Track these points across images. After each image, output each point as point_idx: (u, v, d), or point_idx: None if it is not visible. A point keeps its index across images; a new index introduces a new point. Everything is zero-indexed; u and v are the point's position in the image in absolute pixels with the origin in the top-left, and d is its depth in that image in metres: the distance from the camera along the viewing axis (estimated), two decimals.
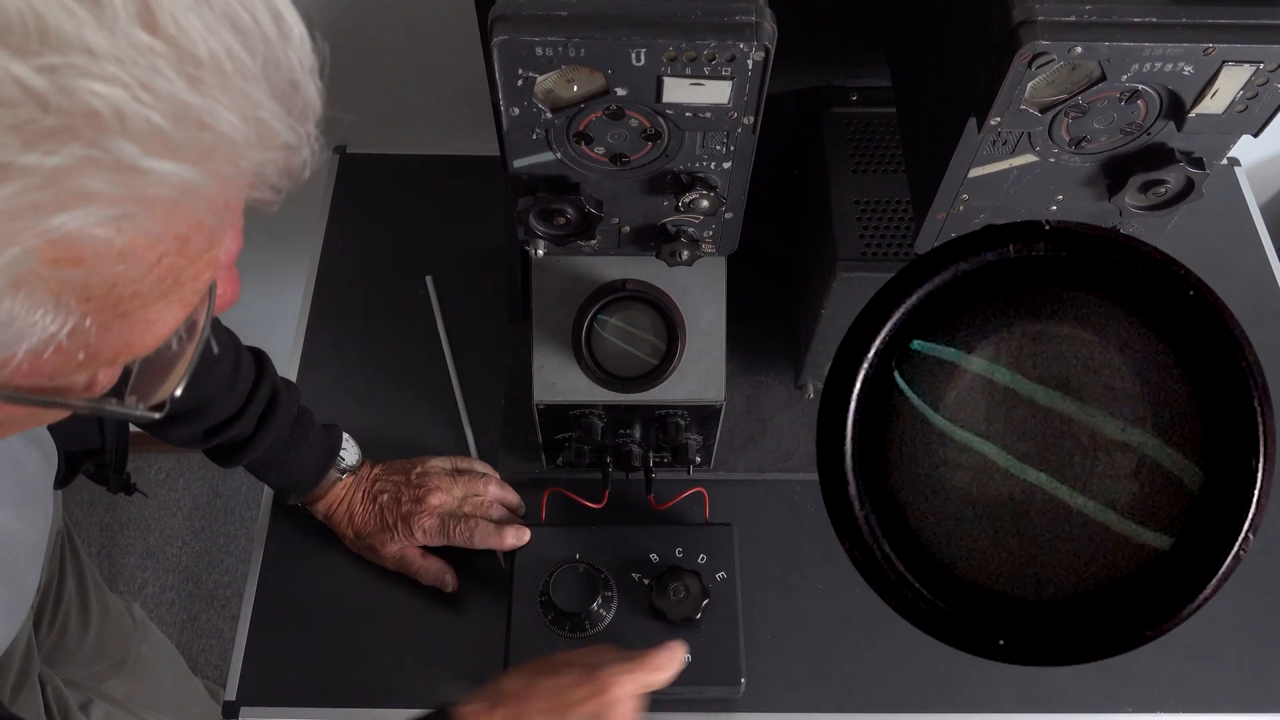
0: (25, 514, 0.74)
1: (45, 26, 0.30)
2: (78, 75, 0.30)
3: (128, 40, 0.31)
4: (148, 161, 0.32)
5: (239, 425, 0.83)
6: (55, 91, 0.30)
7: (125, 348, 0.38)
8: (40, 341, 0.34)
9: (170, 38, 0.32)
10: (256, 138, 0.35)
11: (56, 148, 0.30)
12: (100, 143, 0.31)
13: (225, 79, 0.34)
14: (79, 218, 0.32)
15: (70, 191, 0.31)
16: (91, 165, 0.31)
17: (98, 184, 0.32)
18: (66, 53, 0.30)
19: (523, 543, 0.90)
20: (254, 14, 0.35)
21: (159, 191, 0.33)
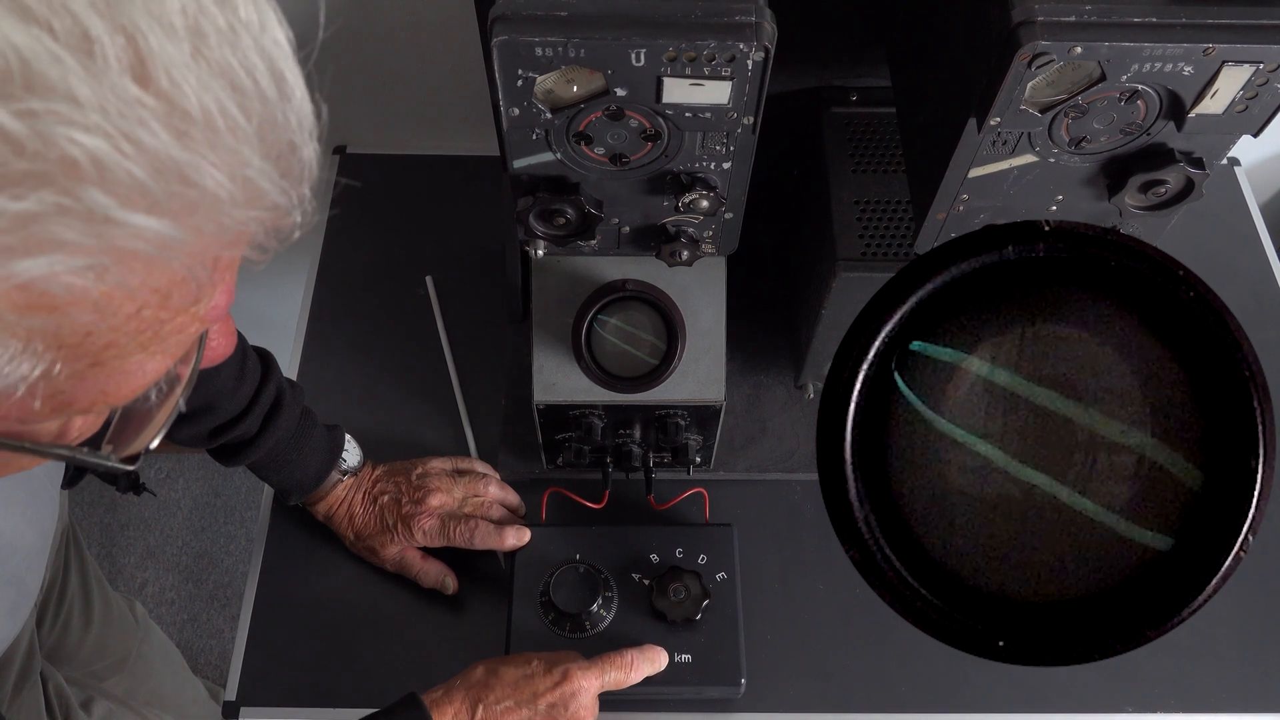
0: (31, 517, 0.74)
1: (30, 72, 0.29)
2: (58, 122, 0.30)
3: (115, 92, 0.31)
4: (123, 214, 0.31)
5: (244, 425, 0.83)
6: (32, 136, 0.30)
7: (101, 396, 0.37)
8: (8, 386, 0.33)
9: (161, 91, 0.32)
10: (243, 196, 0.34)
11: (25, 193, 0.30)
12: (73, 191, 0.30)
13: (216, 136, 0.33)
14: (45, 265, 0.31)
15: (37, 238, 0.31)
16: (62, 213, 0.31)
17: (68, 233, 0.31)
18: (49, 99, 0.30)
19: (523, 543, 0.90)
20: (253, 74, 0.34)
21: (135, 245, 0.32)
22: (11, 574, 0.73)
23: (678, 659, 0.86)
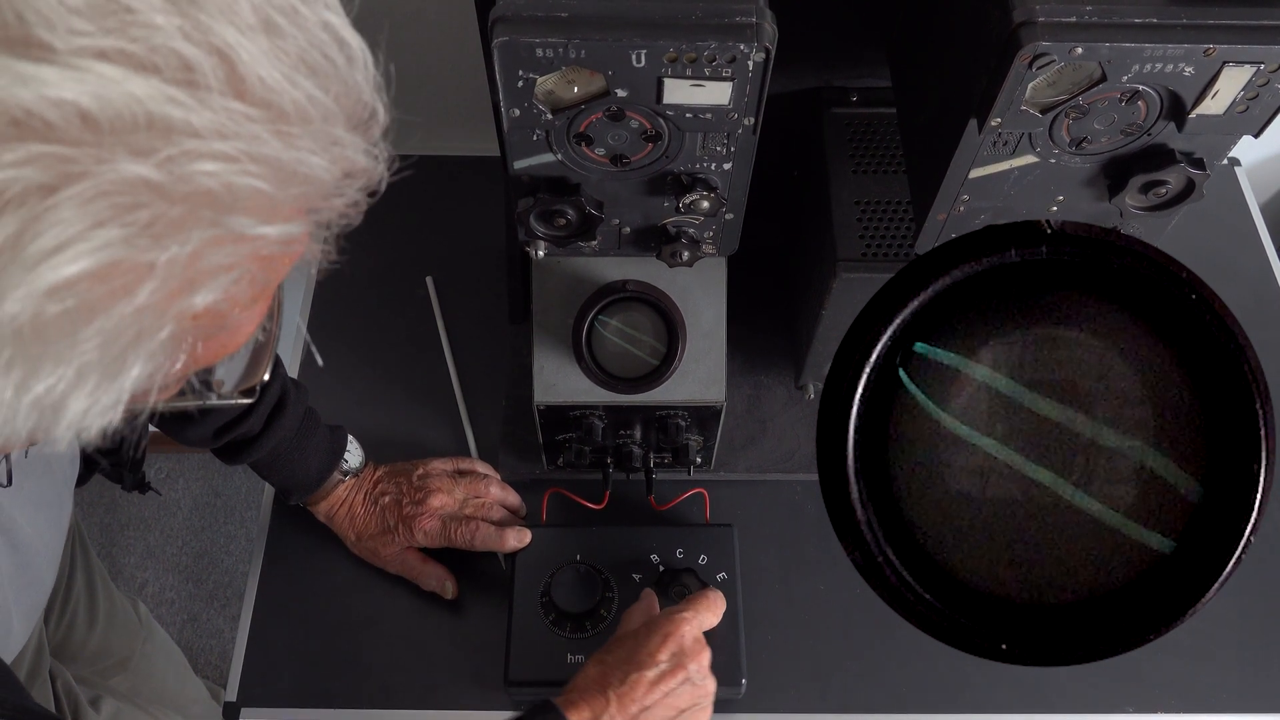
0: (53, 517, 0.74)
1: (154, 120, 0.31)
2: (189, 160, 0.32)
3: (225, 113, 0.33)
4: (259, 229, 0.35)
5: (248, 422, 0.83)
6: (174, 180, 0.32)
7: (222, 350, 0.40)
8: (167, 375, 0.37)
9: (259, 99, 0.34)
10: (342, 173, 0.38)
11: (184, 236, 0.33)
12: (220, 221, 0.33)
13: (310, 126, 0.36)
14: (210, 291, 0.35)
15: (201, 272, 0.34)
16: (215, 244, 0.34)
17: (221, 258, 0.34)
18: (177, 140, 0.32)
19: (524, 544, 0.91)
20: (323, 49, 0.37)
21: (270, 250, 0.36)
22: (34, 576, 0.73)
23: None
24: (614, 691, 0.74)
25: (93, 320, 0.32)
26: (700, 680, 0.76)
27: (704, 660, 0.77)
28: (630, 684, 0.74)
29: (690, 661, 0.76)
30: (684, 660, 0.75)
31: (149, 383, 0.36)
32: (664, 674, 0.75)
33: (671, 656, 0.76)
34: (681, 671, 0.75)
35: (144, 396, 0.37)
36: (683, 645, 0.76)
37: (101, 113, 0.31)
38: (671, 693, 0.75)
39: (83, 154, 0.31)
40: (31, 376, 0.33)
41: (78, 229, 0.31)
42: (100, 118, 0.31)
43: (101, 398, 0.35)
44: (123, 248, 0.32)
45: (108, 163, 0.31)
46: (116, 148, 0.31)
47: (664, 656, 0.75)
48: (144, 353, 0.35)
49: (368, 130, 0.39)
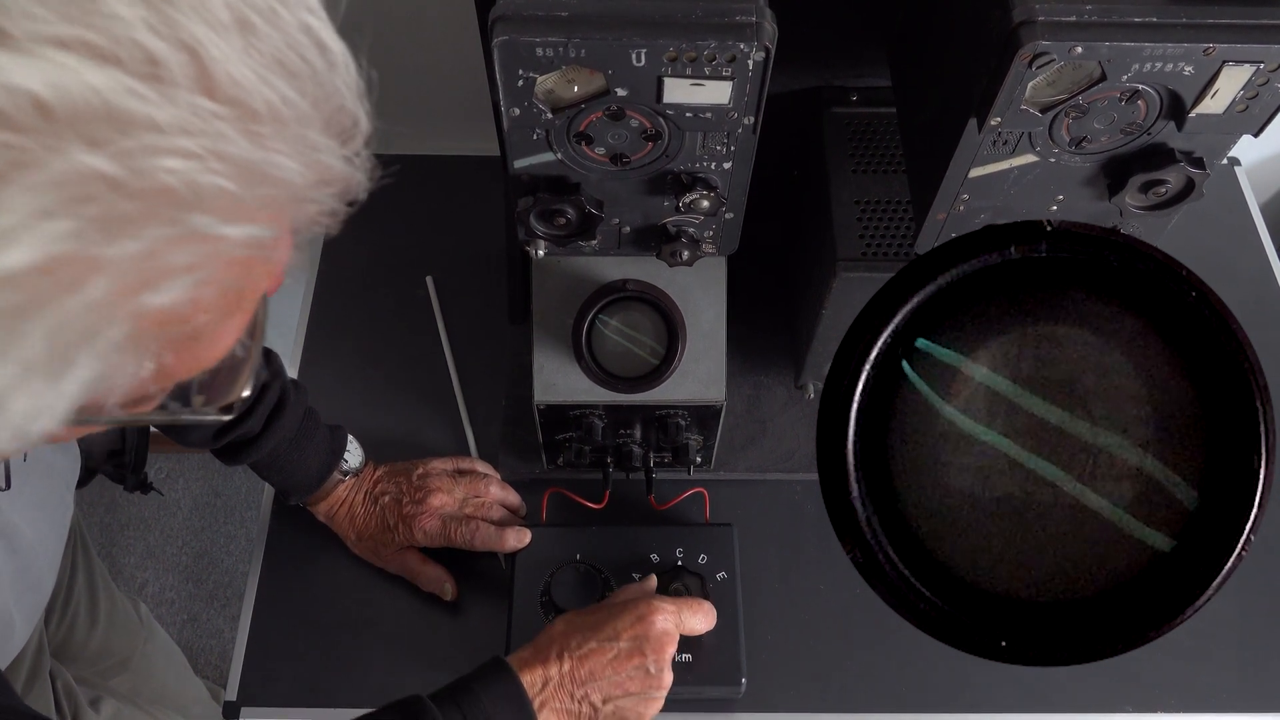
0: (53, 519, 0.74)
1: (113, 111, 0.30)
2: (149, 155, 0.31)
3: (191, 109, 0.32)
4: (223, 229, 0.33)
5: (248, 423, 0.83)
6: (131, 175, 0.31)
7: (196, 363, 0.39)
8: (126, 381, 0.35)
9: (229, 98, 0.33)
10: (316, 178, 0.36)
11: (138, 232, 0.31)
12: (178, 219, 0.32)
13: (283, 128, 0.35)
14: (165, 292, 0.33)
15: (155, 271, 0.32)
16: (172, 242, 0.32)
17: (181, 258, 0.33)
18: (136, 134, 0.31)
19: (523, 544, 0.90)
20: (300, 51, 0.36)
21: (235, 252, 0.34)
22: (35, 579, 0.73)
23: (678, 659, 0.86)
24: (569, 655, 0.75)
25: (38, 315, 0.31)
26: (655, 671, 0.76)
27: (665, 654, 0.77)
28: (586, 652, 0.75)
29: (651, 650, 0.76)
30: (645, 647, 0.76)
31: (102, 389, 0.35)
32: (621, 653, 0.76)
33: (635, 639, 0.76)
34: (639, 657, 0.76)
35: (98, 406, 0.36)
36: (649, 632, 0.77)
37: (57, 101, 0.30)
38: (623, 674, 0.75)
39: (34, 142, 0.30)
40: None
41: (23, 217, 0.30)
42: (55, 106, 0.30)
43: (45, 397, 0.33)
44: (72, 241, 0.30)
45: (59, 152, 0.30)
46: (70, 138, 0.30)
47: (627, 637, 0.76)
48: (93, 353, 0.33)
49: (349, 137, 0.38)
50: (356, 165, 0.38)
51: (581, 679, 0.74)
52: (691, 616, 0.81)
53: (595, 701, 0.75)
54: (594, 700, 0.75)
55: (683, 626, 0.80)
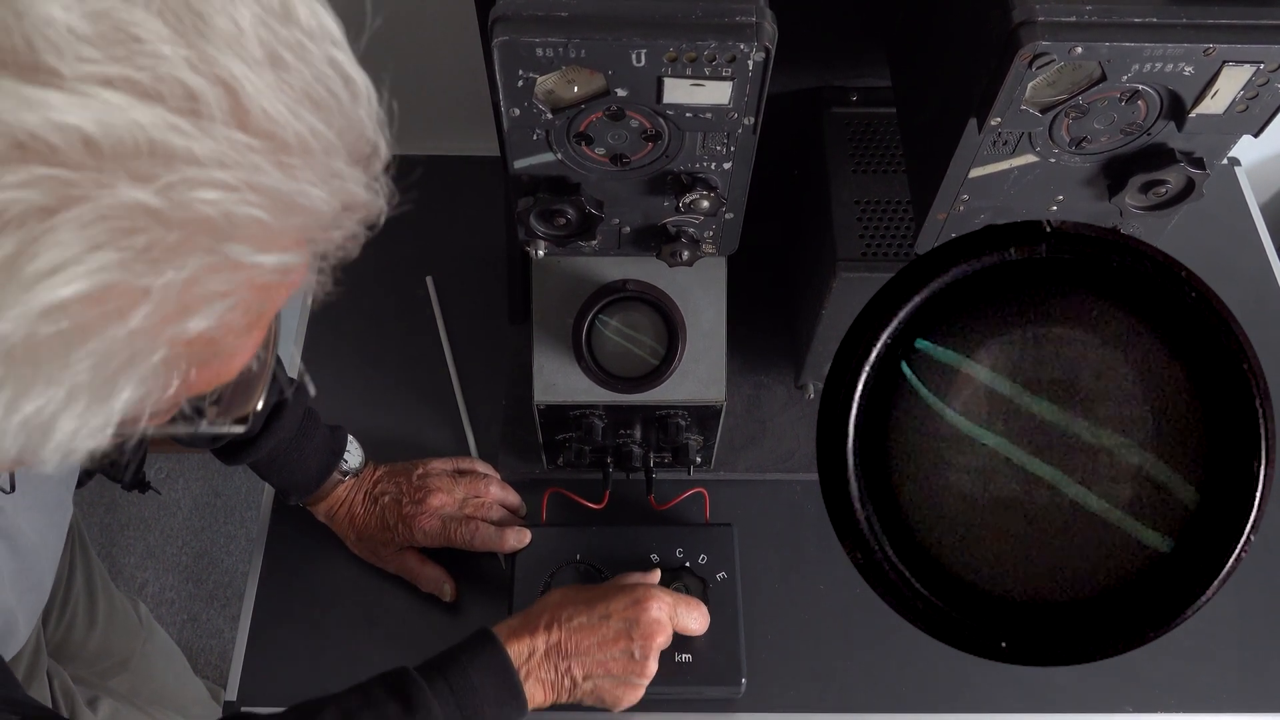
0: (54, 520, 0.75)
1: (156, 147, 0.32)
2: (189, 188, 0.33)
3: (228, 142, 0.34)
4: (256, 257, 0.35)
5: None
6: (172, 207, 0.32)
7: (216, 378, 0.41)
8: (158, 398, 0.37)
9: (261, 130, 0.35)
10: (341, 206, 0.38)
11: (180, 261, 0.33)
12: (216, 249, 0.34)
13: (312, 158, 0.36)
14: (205, 317, 0.35)
15: (195, 298, 0.34)
16: (211, 271, 0.34)
17: (217, 285, 0.35)
18: (177, 168, 0.32)
19: (523, 544, 0.90)
20: (328, 84, 0.37)
21: (267, 279, 0.37)
22: (36, 579, 0.74)
23: (677, 659, 0.86)
24: (559, 626, 0.75)
25: (85, 342, 0.33)
26: (639, 657, 0.77)
27: (653, 641, 0.77)
28: (576, 626, 0.76)
29: (639, 635, 0.76)
30: (634, 631, 0.76)
31: (139, 407, 0.36)
32: (610, 633, 0.76)
33: (626, 622, 0.76)
34: (626, 640, 0.76)
35: (134, 421, 0.37)
36: (641, 617, 0.77)
37: (104, 138, 0.31)
38: (608, 654, 0.76)
39: (84, 178, 0.31)
40: (22, 397, 0.33)
41: (75, 251, 0.31)
42: (103, 143, 0.31)
43: (91, 420, 0.35)
44: (119, 271, 0.32)
45: (108, 187, 0.31)
46: (117, 173, 0.31)
47: (619, 618, 0.77)
48: (135, 376, 0.35)
49: (369, 165, 0.40)
50: (377, 191, 0.41)
51: (567, 652, 0.75)
52: (687, 614, 0.81)
53: (576, 676, 0.75)
54: (575, 674, 0.75)
55: (677, 621, 0.80)
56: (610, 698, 0.78)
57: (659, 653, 0.78)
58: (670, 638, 0.80)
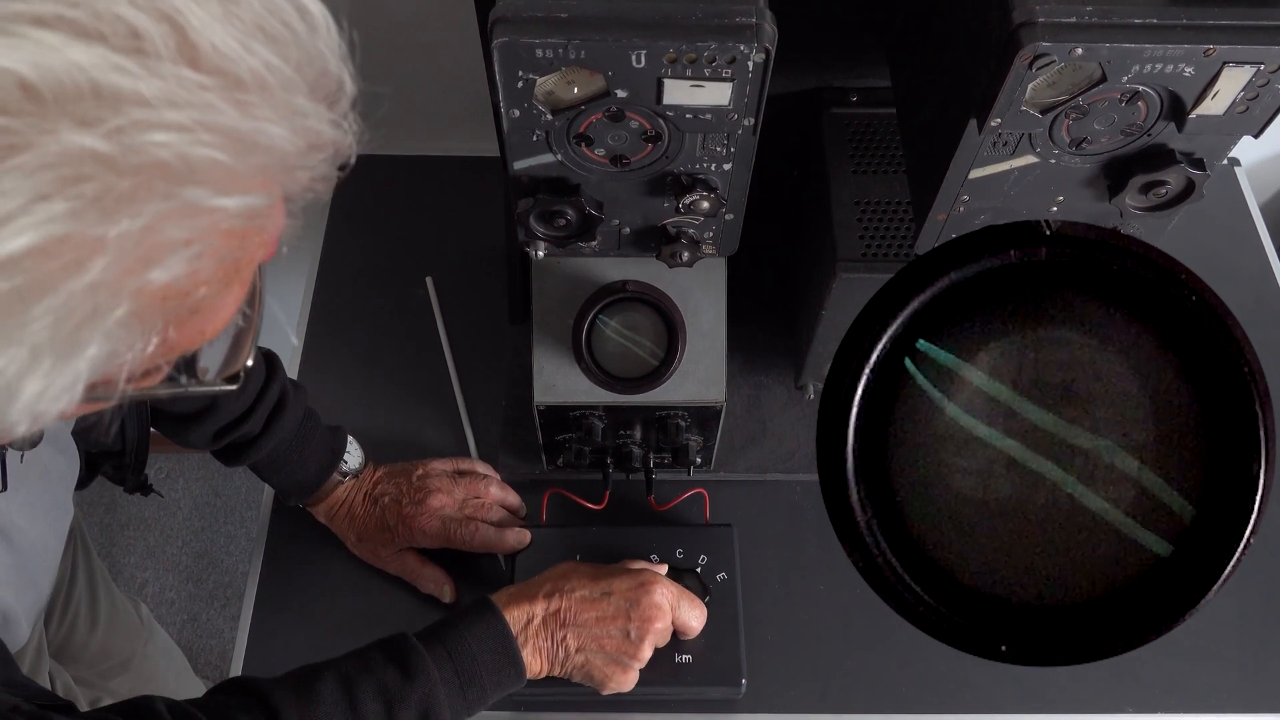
0: (52, 520, 0.74)
1: (100, 88, 0.30)
2: (140, 131, 0.31)
3: (177, 81, 0.32)
4: (217, 200, 0.33)
5: (247, 424, 0.83)
6: (123, 152, 0.31)
7: (199, 335, 0.39)
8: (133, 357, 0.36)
9: (214, 67, 0.33)
10: (306, 144, 0.36)
11: (136, 209, 0.32)
12: (174, 194, 0.32)
13: (269, 95, 0.35)
14: (166, 267, 0.33)
15: (155, 247, 0.33)
16: (170, 218, 0.33)
17: (178, 232, 0.33)
18: (125, 110, 0.31)
19: (523, 545, 0.90)
20: (281, 16, 0.36)
21: (231, 224, 0.35)
22: (33, 576, 0.73)
23: (678, 659, 0.86)
24: (560, 594, 0.75)
25: (43, 298, 0.31)
26: (635, 638, 0.76)
27: (651, 624, 0.77)
28: (577, 597, 0.76)
29: (637, 616, 0.76)
30: (633, 611, 0.76)
31: (113, 366, 0.35)
32: (610, 610, 0.76)
33: (626, 601, 0.76)
34: (624, 620, 0.76)
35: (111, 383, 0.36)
36: (642, 599, 0.77)
37: (42, 81, 0.30)
38: (604, 629, 0.76)
39: (24, 125, 0.30)
40: None
41: (20, 202, 0.30)
42: (41, 87, 0.30)
43: (57, 380, 0.33)
44: (70, 221, 0.31)
45: (50, 134, 0.30)
46: (60, 118, 0.30)
47: (621, 596, 0.76)
48: (100, 332, 0.33)
49: (334, 101, 0.38)
50: (345, 129, 0.38)
51: (564, 620, 0.75)
52: (690, 609, 0.81)
53: (570, 646, 0.75)
54: (570, 645, 0.75)
55: (678, 613, 0.80)
56: (600, 674, 0.77)
57: (655, 640, 0.78)
58: (669, 627, 0.80)
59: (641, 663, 0.78)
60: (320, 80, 0.37)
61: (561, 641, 0.75)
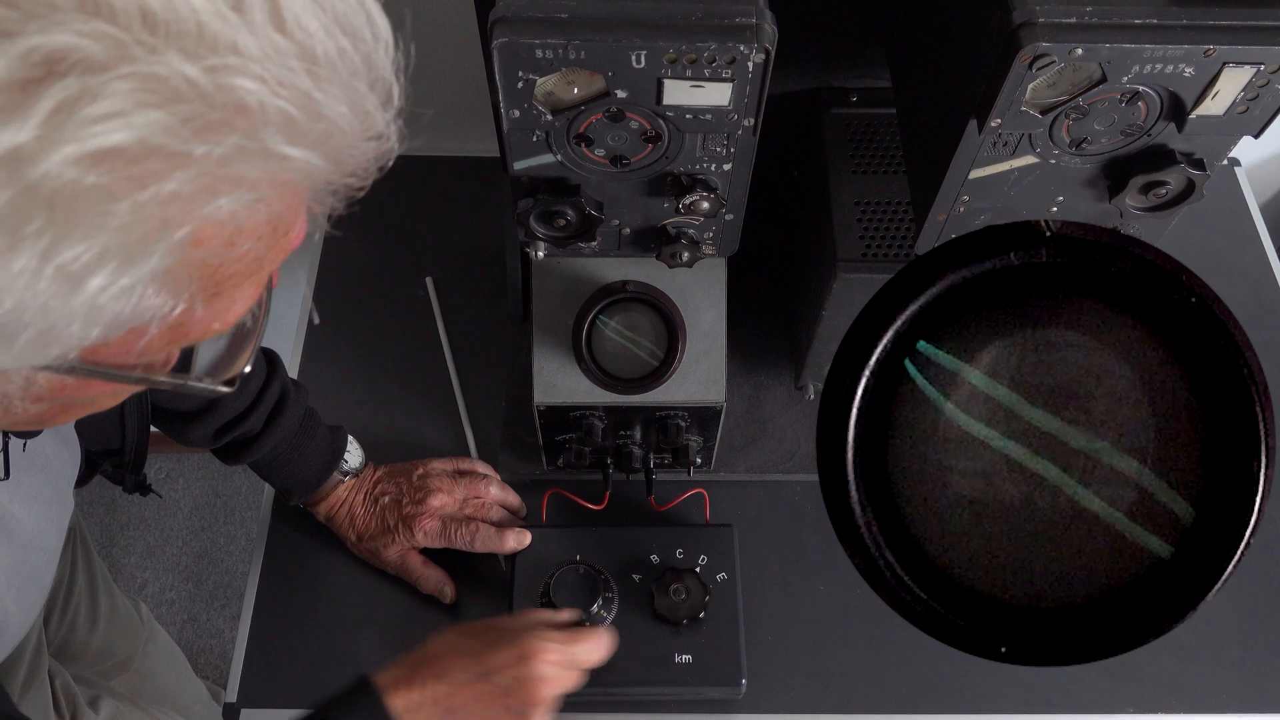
0: (53, 513, 0.74)
1: (205, 30, 0.35)
2: (231, 74, 0.35)
3: (267, 42, 0.36)
4: (286, 148, 0.37)
5: (248, 423, 0.83)
6: (216, 88, 0.35)
7: (209, 327, 0.42)
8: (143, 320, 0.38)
9: (297, 39, 0.37)
10: (360, 127, 0.40)
11: (221, 138, 0.35)
12: (252, 133, 0.36)
13: (338, 74, 0.38)
14: (233, 201, 0.36)
15: (229, 178, 0.36)
16: (245, 153, 0.36)
17: (249, 170, 0.36)
18: (223, 54, 0.35)
19: (523, 546, 0.90)
20: (356, 18, 0.40)
21: (291, 176, 0.38)
22: (33, 570, 0.73)
23: (678, 659, 0.86)
24: (440, 680, 0.72)
25: (124, 198, 0.34)
26: (520, 713, 0.74)
27: (537, 696, 0.74)
28: (458, 683, 0.73)
29: (519, 694, 0.73)
30: (517, 689, 0.73)
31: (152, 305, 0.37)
32: (494, 690, 0.73)
33: (512, 680, 0.73)
34: (505, 698, 0.73)
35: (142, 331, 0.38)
36: (526, 675, 0.73)
37: (161, 12, 0.34)
38: (490, 710, 0.73)
39: (139, 42, 0.33)
40: (61, 242, 0.34)
41: (126, 105, 0.33)
42: (159, 17, 0.34)
43: (119, 279, 0.36)
44: (162, 134, 0.34)
45: (159, 55, 0.34)
46: (169, 46, 0.34)
47: (502, 675, 0.73)
48: (162, 248, 0.36)
49: (386, 99, 0.42)
50: (392, 130, 0.42)
51: (449, 707, 0.72)
52: (585, 652, 0.77)
53: None
54: None
55: (574, 662, 0.76)
56: None
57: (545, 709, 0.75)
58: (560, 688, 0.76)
59: None
60: (377, 83, 0.41)
61: None
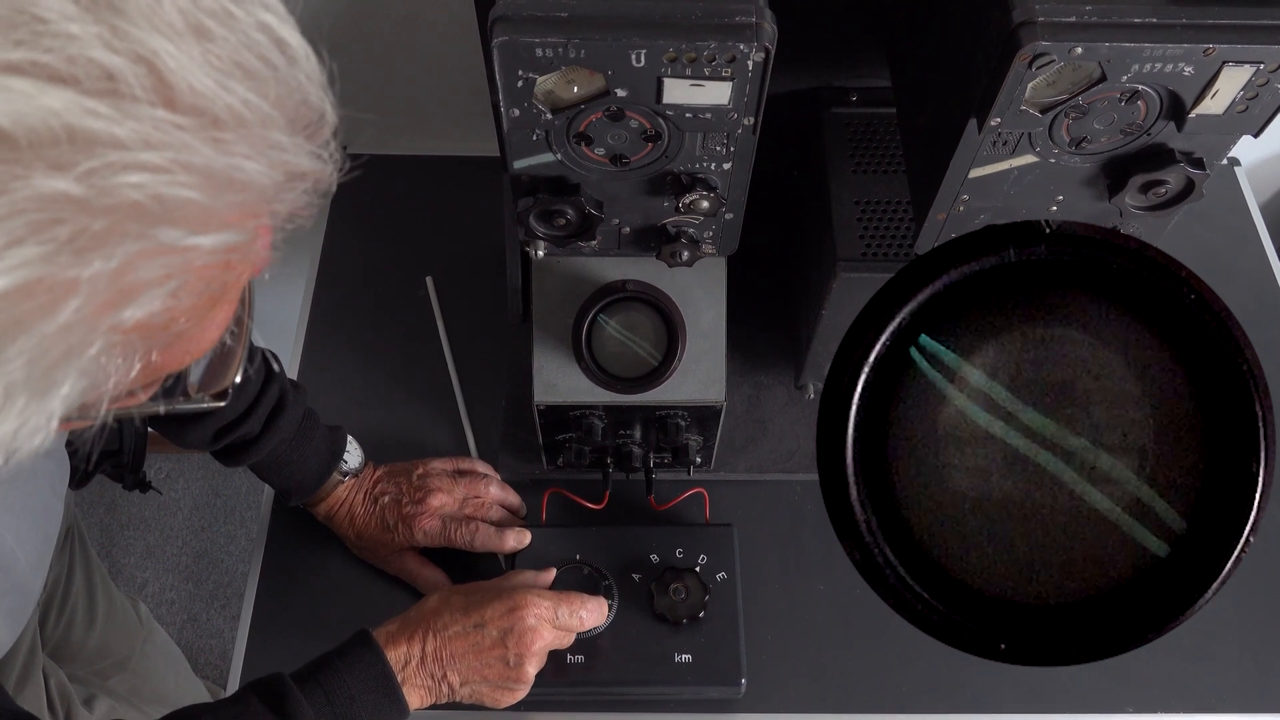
0: (35, 523, 0.74)
1: (74, 133, 0.31)
2: (112, 173, 0.31)
3: (152, 122, 0.32)
4: (193, 239, 0.33)
5: (247, 425, 0.83)
6: (97, 194, 0.31)
7: (185, 356, 0.40)
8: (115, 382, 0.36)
9: (189, 107, 0.33)
10: (284, 178, 0.36)
11: (111, 251, 0.32)
12: (147, 234, 0.32)
13: (247, 131, 0.34)
14: (141, 305, 0.34)
15: (130, 286, 0.33)
16: (144, 256, 0.33)
17: (153, 271, 0.33)
18: (99, 153, 0.31)
19: (523, 545, 0.90)
20: (259, 51, 0.35)
21: (208, 260, 0.35)
22: (15, 582, 0.73)
23: (678, 659, 0.86)
24: (436, 634, 0.75)
25: (16, 339, 0.32)
26: (514, 664, 0.77)
27: (529, 648, 0.77)
28: (452, 635, 0.76)
29: (514, 643, 0.76)
30: (509, 639, 0.76)
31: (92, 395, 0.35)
32: (485, 642, 0.76)
33: (502, 632, 0.76)
34: (501, 648, 0.76)
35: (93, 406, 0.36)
36: (516, 625, 0.77)
37: (15, 128, 0.30)
38: (483, 661, 0.76)
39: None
40: None
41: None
42: (15, 133, 0.30)
43: (31, 418, 0.34)
44: (42, 265, 0.31)
45: (23, 179, 0.30)
46: (34, 163, 0.30)
47: (494, 626, 0.76)
48: (75, 369, 0.34)
49: (315, 131, 0.38)
50: (325, 159, 0.38)
51: (443, 660, 0.75)
52: (570, 612, 0.80)
53: (454, 682, 0.76)
54: (452, 681, 0.76)
55: (559, 622, 0.80)
56: (490, 700, 0.78)
57: (538, 659, 0.78)
58: (551, 641, 0.79)
59: (527, 683, 0.78)
60: (300, 112, 0.37)
61: (443, 678, 0.76)
